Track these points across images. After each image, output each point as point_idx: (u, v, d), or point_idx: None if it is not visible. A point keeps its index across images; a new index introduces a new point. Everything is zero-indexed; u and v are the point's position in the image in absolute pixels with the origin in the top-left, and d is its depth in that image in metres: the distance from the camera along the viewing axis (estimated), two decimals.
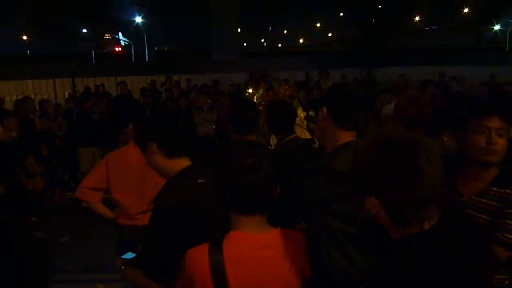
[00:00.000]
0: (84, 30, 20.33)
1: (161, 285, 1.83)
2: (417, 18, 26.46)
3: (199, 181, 1.88)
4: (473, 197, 1.93)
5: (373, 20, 18.72)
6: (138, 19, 35.80)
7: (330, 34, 48.00)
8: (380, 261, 1.44)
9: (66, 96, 12.27)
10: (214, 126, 8.09)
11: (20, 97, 8.85)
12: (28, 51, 47.77)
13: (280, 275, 1.55)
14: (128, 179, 2.94)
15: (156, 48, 42.98)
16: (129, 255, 2.05)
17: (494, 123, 1.91)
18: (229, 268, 1.47)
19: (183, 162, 1.92)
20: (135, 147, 2.05)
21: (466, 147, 1.95)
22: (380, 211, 1.27)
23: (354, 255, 1.96)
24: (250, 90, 5.42)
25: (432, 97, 8.01)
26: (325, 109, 2.16)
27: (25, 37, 30.94)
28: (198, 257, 1.50)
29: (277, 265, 1.54)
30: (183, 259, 1.54)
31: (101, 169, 3.05)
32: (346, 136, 2.10)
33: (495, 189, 1.91)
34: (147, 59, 32.49)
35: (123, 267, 2.01)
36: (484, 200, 1.90)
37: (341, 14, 23.27)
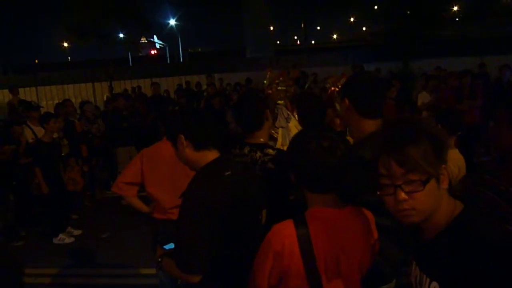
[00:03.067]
0: (121, 35, 20.86)
1: (195, 276, 1.85)
2: (455, 8, 25.40)
3: (226, 173, 1.90)
4: None
5: (408, 12, 18.05)
6: (172, 22, 36.48)
7: (364, 28, 47.09)
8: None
9: (105, 99, 12.70)
10: None
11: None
12: (69, 58, 49.70)
13: (356, 248, 1.63)
14: (161, 173, 2.99)
15: (190, 50, 43.71)
16: (170, 246, 2.08)
17: None
18: (314, 241, 1.55)
19: (212, 155, 1.95)
20: (167, 143, 2.09)
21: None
22: None
23: (386, 248, 1.90)
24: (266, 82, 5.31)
25: (471, 88, 7.72)
26: (346, 100, 2.10)
27: (66, 44, 32.13)
28: (286, 231, 1.57)
29: (354, 239, 1.63)
30: (269, 236, 1.60)
31: (136, 165, 3.12)
32: (371, 125, 2.04)
33: None
34: (181, 61, 33.05)
35: (159, 259, 2.04)
36: None
37: (375, 7, 22.60)
